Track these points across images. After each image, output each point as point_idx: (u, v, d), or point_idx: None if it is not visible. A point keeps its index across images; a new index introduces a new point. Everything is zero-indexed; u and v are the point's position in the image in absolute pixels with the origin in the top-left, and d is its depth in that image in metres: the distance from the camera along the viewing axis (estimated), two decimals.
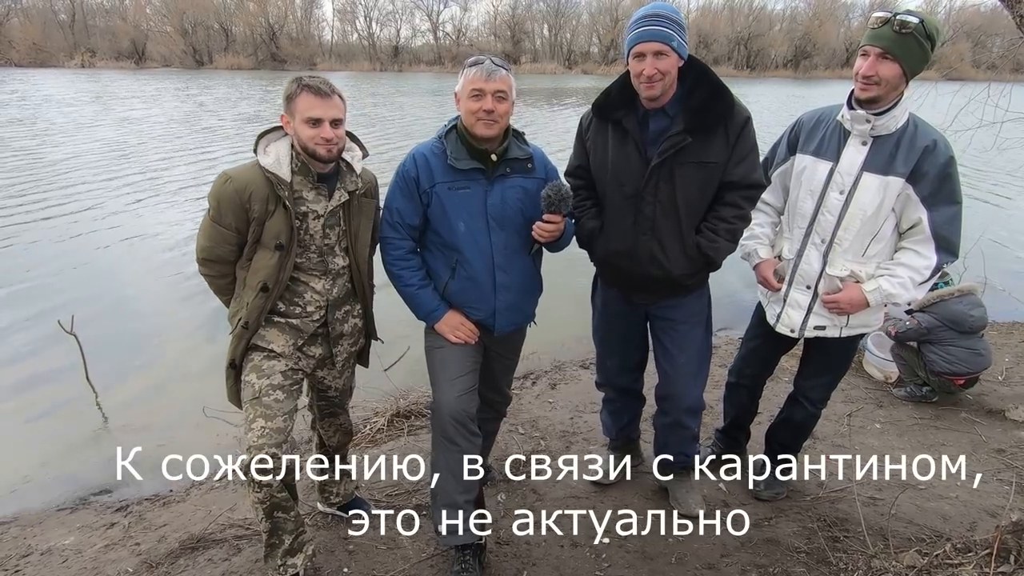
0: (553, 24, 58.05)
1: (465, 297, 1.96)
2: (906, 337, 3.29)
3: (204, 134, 13.91)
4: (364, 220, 1.91)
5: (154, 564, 2.20)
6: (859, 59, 1.83)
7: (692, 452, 2.33)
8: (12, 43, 43.27)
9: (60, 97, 21.36)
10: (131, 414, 3.51)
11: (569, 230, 2.01)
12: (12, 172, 9.57)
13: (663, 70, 1.79)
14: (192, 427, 3.28)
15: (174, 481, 2.88)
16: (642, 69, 1.81)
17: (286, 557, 1.89)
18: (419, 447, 2.91)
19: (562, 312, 4.23)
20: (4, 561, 2.31)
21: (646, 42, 1.79)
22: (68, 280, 5.42)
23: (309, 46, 52.66)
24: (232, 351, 1.83)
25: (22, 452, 3.12)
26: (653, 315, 2.18)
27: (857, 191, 1.90)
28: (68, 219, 7.23)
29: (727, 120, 1.87)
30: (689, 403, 2.17)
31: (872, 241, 1.95)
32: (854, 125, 1.88)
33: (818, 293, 2.06)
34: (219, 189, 1.74)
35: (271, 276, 1.77)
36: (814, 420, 2.36)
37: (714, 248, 1.95)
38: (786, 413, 2.40)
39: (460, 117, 1.87)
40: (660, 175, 1.90)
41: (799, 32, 57.74)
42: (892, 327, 3.31)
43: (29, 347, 4.21)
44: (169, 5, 47.38)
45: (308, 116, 1.69)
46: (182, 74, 38.92)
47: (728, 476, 2.59)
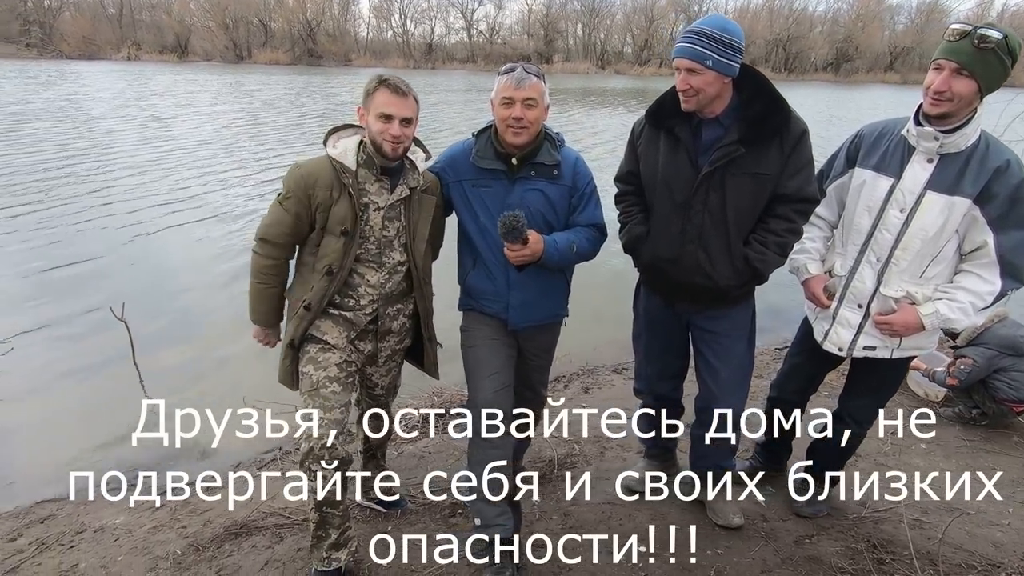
0: (587, 23, 57.74)
1: (481, 289, 2.04)
2: (972, 380, 3.17)
3: (283, 130, 14.17)
4: (423, 216, 1.95)
5: (201, 547, 2.27)
6: (931, 73, 1.75)
7: (730, 464, 2.31)
8: (64, 36, 44.98)
9: (135, 91, 22.02)
10: (175, 400, 3.62)
11: (555, 255, 1.92)
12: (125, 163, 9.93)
13: (696, 86, 1.80)
14: (233, 414, 3.37)
15: (217, 466, 2.98)
16: (677, 82, 1.84)
17: (331, 551, 1.94)
18: (455, 444, 2.94)
19: (594, 315, 4.23)
20: (60, 536, 2.42)
21: (679, 58, 1.81)
22: (138, 271, 5.64)
23: (345, 42, 53.49)
24: (293, 331, 1.91)
25: (74, 433, 3.26)
26: (695, 325, 2.16)
27: (919, 210, 1.84)
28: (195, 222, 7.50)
29: (783, 132, 1.84)
30: (729, 417, 2.14)
31: (932, 263, 1.89)
32: (920, 141, 1.81)
33: (870, 313, 2.00)
34: (289, 175, 1.85)
35: (336, 261, 1.85)
36: (859, 440, 2.30)
37: (762, 261, 1.93)
38: (829, 430, 2.35)
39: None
40: (710, 184, 1.89)
41: (841, 35, 56.20)
42: (953, 378, 3.19)
43: (81, 331, 4.39)
44: (212, 0, 48.62)
45: (381, 112, 1.77)
46: (224, 68, 39.95)
47: (767, 491, 2.55)
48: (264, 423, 3.20)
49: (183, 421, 3.38)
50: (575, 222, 2.02)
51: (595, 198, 2.05)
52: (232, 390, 3.52)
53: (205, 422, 3.35)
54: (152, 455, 3.09)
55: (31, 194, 7.84)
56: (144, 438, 3.24)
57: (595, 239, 2.04)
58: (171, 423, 3.35)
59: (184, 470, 2.97)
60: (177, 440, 3.05)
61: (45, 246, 6.06)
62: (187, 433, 3.17)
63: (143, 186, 8.57)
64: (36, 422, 3.38)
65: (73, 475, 2.91)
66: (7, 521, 2.53)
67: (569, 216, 2.02)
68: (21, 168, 9.21)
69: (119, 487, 2.85)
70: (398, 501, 2.43)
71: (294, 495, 2.52)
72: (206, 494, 2.74)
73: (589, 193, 2.02)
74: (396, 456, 2.85)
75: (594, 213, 2.04)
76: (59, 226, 6.63)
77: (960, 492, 2.56)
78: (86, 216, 7.08)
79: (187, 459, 3.04)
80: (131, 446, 3.17)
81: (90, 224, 6.81)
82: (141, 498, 2.73)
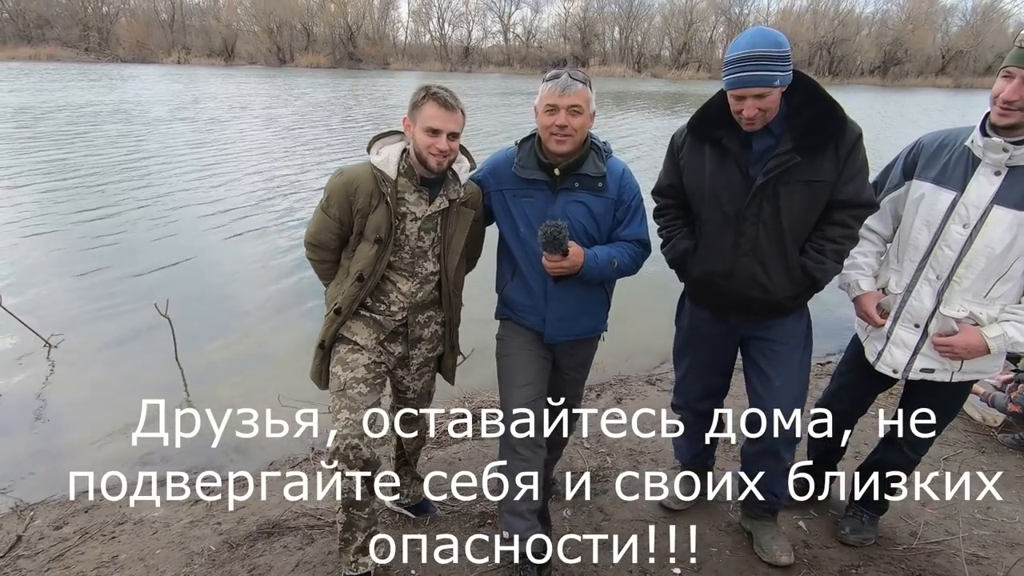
0: (624, 26, 57.26)
1: (519, 301, 2.01)
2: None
3: (338, 133, 14.48)
4: (459, 229, 1.93)
5: (234, 545, 2.31)
6: (1000, 81, 1.65)
7: (782, 493, 2.17)
8: (120, 40, 47.16)
9: (192, 94, 22.86)
10: (214, 397, 3.71)
11: (595, 269, 1.87)
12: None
13: (764, 108, 1.71)
14: (270, 415, 3.43)
15: (251, 464, 3.03)
16: (741, 109, 1.73)
17: (358, 555, 1.94)
18: (485, 452, 2.92)
19: (628, 324, 4.13)
20: (103, 526, 2.49)
21: (746, 87, 1.70)
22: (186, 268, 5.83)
23: (384, 46, 54.50)
24: (323, 332, 1.94)
25: (119, 426, 3.35)
26: (749, 336, 2.06)
27: (985, 226, 1.72)
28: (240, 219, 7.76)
29: (838, 137, 1.76)
30: (784, 432, 1.99)
31: (999, 282, 1.77)
32: (987, 153, 1.70)
33: (928, 333, 1.89)
34: (332, 181, 1.87)
35: (368, 267, 1.86)
36: (912, 467, 2.18)
37: (821, 269, 1.85)
38: (880, 455, 2.23)
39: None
40: (764, 195, 1.81)
41: (889, 37, 54.24)
42: (1015, 405, 2.99)
43: (129, 327, 4.55)
44: (258, 5, 50.23)
45: (428, 126, 1.76)
46: (269, 70, 41.21)
47: (810, 516, 2.44)
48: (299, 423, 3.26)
49: (221, 417, 3.48)
50: (618, 236, 1.96)
51: (641, 212, 1.98)
52: (272, 389, 3.57)
53: (242, 418, 3.44)
54: (190, 450, 3.16)
55: (112, 195, 8.15)
56: (183, 432, 3.34)
57: (638, 255, 1.97)
58: (209, 419, 3.45)
59: (220, 466, 3.03)
60: (215, 437, 3.13)
61: (121, 246, 6.27)
62: (224, 429, 3.25)
63: (215, 189, 8.74)
64: (82, 413, 3.51)
65: (114, 466, 3.04)
66: (54, 509, 2.63)
67: (613, 230, 1.96)
68: (102, 169, 9.61)
69: (158, 480, 2.92)
70: (427, 507, 2.42)
71: (325, 496, 2.54)
72: (241, 490, 2.79)
73: (635, 207, 1.96)
74: (426, 462, 2.85)
75: (639, 228, 1.97)
76: (129, 231, 6.79)
77: (1022, 527, 2.40)
78: (160, 217, 7.28)
79: (224, 455, 3.10)
80: (170, 440, 3.27)
81: (165, 227, 6.99)
82: (179, 493, 2.79)
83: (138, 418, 3.42)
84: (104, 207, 7.59)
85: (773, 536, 2.21)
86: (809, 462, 2.47)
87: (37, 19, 46.45)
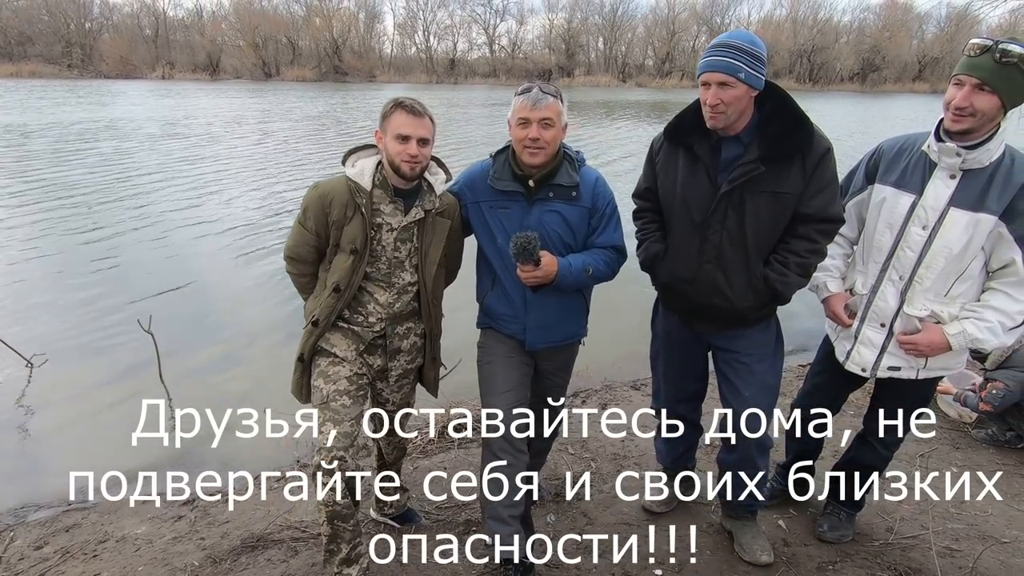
0: (608, 37, 57.99)
1: (499, 311, 2.04)
2: (1006, 405, 3.05)
3: (335, 146, 14.44)
4: (436, 239, 1.96)
5: (218, 560, 2.30)
6: (951, 88, 1.72)
7: (759, 498, 2.19)
8: (103, 56, 46.94)
9: (183, 110, 22.57)
10: (200, 412, 3.68)
11: (569, 277, 1.91)
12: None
13: (727, 101, 1.76)
14: (256, 428, 3.42)
15: (235, 479, 3.01)
16: (706, 98, 1.79)
17: (342, 566, 1.94)
18: (469, 460, 2.94)
19: (612, 330, 4.18)
20: (84, 545, 2.47)
21: (711, 72, 1.76)
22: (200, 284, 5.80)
23: (370, 59, 54.67)
24: (302, 345, 1.96)
25: (100, 443, 3.33)
26: (716, 346, 2.11)
27: (943, 227, 1.79)
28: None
29: (805, 150, 1.80)
30: (755, 441, 2.05)
31: (957, 281, 1.83)
32: (942, 157, 1.77)
33: (893, 332, 1.95)
34: (308, 195, 1.90)
35: (344, 278, 1.88)
36: (884, 463, 2.23)
37: (783, 282, 1.88)
38: (854, 453, 2.29)
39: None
40: (729, 203, 1.86)
41: (867, 44, 55.40)
42: (986, 404, 3.07)
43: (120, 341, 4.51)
44: (244, 21, 50.28)
45: (398, 132, 1.80)
46: (255, 84, 41.15)
47: (789, 514, 2.48)
48: (286, 436, 3.25)
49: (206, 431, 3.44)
50: (594, 243, 2.00)
51: (615, 219, 2.02)
52: (258, 402, 3.56)
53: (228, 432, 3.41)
54: (174, 465, 3.13)
55: (104, 214, 8.00)
56: (166, 448, 3.31)
57: (613, 261, 2.01)
58: (192, 434, 3.42)
59: (203, 481, 3.00)
60: (199, 451, 3.11)
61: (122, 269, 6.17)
62: (209, 444, 3.22)
63: (220, 207, 8.60)
64: (67, 429, 3.48)
65: (97, 484, 3.00)
66: (35, 529, 2.60)
67: (588, 237, 2.00)
68: (96, 187, 9.47)
69: (141, 497, 2.88)
70: (412, 516, 2.43)
71: (310, 508, 2.54)
72: (224, 505, 2.77)
73: (609, 214, 2.00)
74: (411, 471, 2.86)
75: (613, 235, 2.01)
76: (122, 253, 6.64)
77: (994, 520, 2.45)
78: (156, 239, 7.16)
79: (208, 470, 3.07)
80: (153, 456, 3.24)
81: (159, 249, 6.86)
82: (162, 509, 2.77)
83: (123, 434, 3.39)
84: (98, 227, 7.47)
85: (753, 536, 2.25)
86: (809, 462, 2.49)
87: (19, 36, 46.18)
